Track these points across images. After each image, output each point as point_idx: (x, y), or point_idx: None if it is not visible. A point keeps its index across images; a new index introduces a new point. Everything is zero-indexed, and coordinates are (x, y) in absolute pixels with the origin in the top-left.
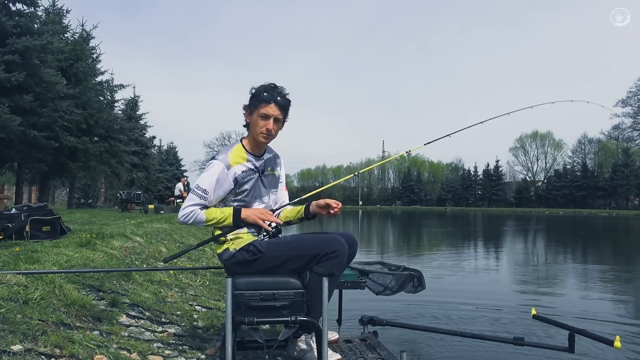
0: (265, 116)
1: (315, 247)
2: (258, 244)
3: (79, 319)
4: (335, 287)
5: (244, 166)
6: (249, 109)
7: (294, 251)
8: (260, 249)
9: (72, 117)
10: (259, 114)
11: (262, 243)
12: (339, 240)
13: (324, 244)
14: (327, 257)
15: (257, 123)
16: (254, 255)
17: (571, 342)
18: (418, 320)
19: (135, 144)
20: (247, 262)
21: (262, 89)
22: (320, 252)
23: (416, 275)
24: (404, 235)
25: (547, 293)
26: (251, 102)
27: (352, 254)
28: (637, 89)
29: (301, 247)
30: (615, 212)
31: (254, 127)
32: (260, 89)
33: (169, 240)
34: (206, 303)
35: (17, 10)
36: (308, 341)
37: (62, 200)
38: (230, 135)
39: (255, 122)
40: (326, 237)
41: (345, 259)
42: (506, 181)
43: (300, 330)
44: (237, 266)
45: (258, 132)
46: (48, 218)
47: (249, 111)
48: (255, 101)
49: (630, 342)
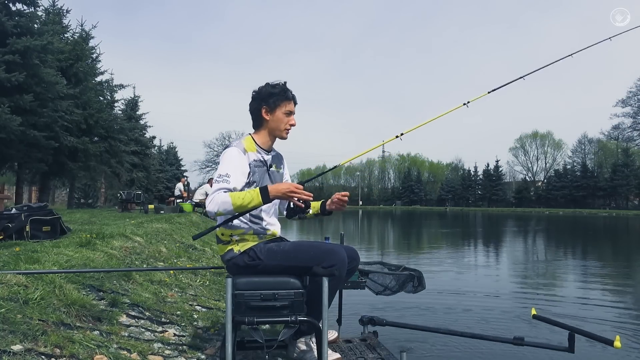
0: (290, 113)
1: (313, 260)
2: (258, 250)
3: (79, 319)
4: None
5: (256, 155)
6: (269, 106)
7: (291, 262)
8: (260, 255)
9: (72, 117)
10: (284, 111)
11: (261, 249)
12: (338, 254)
13: (322, 256)
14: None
15: (281, 119)
16: (252, 260)
17: (571, 342)
18: (418, 320)
19: (135, 144)
20: (247, 266)
21: (284, 87)
22: (317, 264)
23: (416, 275)
24: (404, 235)
25: (547, 293)
26: (274, 98)
27: (353, 269)
28: (637, 89)
29: (298, 259)
30: (615, 212)
31: (278, 123)
32: (282, 86)
33: (169, 240)
34: (206, 303)
35: (17, 10)
36: (308, 342)
37: (62, 200)
38: (230, 135)
39: (280, 119)
40: (326, 249)
41: (343, 273)
42: (506, 181)
43: (299, 331)
44: (237, 268)
45: (283, 128)
46: (48, 218)
47: (270, 108)
48: (279, 98)
49: (630, 342)
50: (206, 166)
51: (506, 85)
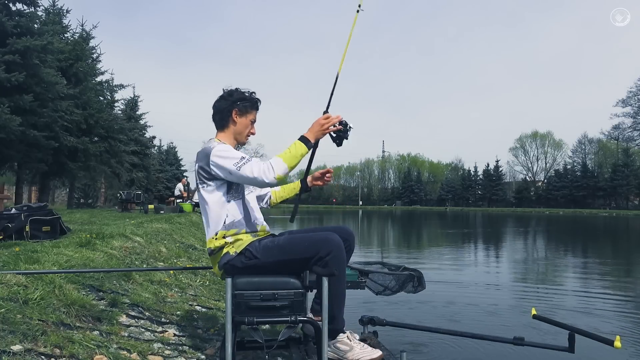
0: (254, 122)
1: (309, 250)
2: (253, 248)
3: (79, 319)
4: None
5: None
6: (241, 111)
7: (288, 255)
8: (256, 254)
9: (72, 117)
10: (250, 118)
11: (257, 248)
12: (332, 239)
13: (318, 245)
14: (322, 260)
15: (247, 125)
16: (249, 260)
17: (571, 342)
18: (418, 320)
19: (135, 144)
20: (245, 266)
21: (254, 96)
22: (314, 254)
23: (416, 275)
24: (404, 235)
25: (547, 293)
26: (245, 105)
27: (350, 247)
28: (637, 89)
29: (294, 251)
30: (615, 212)
31: (243, 129)
32: (252, 95)
33: (169, 240)
34: (206, 303)
35: (17, 10)
36: (345, 341)
37: (62, 200)
38: None
39: (246, 125)
40: (319, 238)
41: (343, 255)
42: (506, 181)
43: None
44: (235, 270)
45: (246, 134)
46: (48, 218)
47: (241, 112)
48: (250, 105)
49: (631, 342)
50: None
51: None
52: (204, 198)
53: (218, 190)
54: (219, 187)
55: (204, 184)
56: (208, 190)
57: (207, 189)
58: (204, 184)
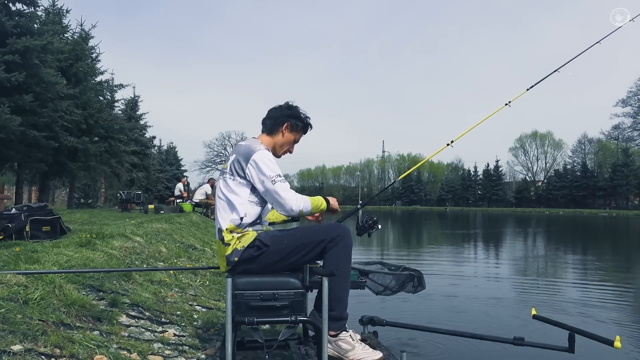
0: (296, 142)
1: (319, 234)
2: (262, 237)
3: (79, 319)
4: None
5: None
6: (292, 127)
7: (299, 240)
8: (265, 242)
9: (72, 117)
10: (295, 138)
11: (266, 236)
12: (341, 225)
13: (327, 230)
14: (333, 242)
15: (289, 142)
16: (259, 250)
17: (571, 342)
18: (418, 320)
19: (135, 144)
20: (254, 257)
21: (308, 120)
22: (325, 237)
23: (416, 275)
24: (404, 235)
25: (547, 293)
26: (298, 124)
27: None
28: (637, 89)
29: (305, 236)
30: (615, 212)
31: (284, 144)
32: (307, 120)
33: (169, 240)
34: (206, 303)
35: (17, 10)
36: (348, 340)
37: (62, 200)
38: (230, 136)
39: (288, 141)
40: (328, 225)
41: (351, 242)
42: (506, 181)
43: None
44: (245, 263)
45: (284, 150)
46: (48, 218)
47: (291, 128)
48: (301, 126)
49: (631, 342)
50: (206, 166)
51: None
52: (230, 187)
53: (245, 187)
54: (246, 185)
55: (233, 175)
56: (235, 183)
57: (235, 181)
58: (233, 176)
